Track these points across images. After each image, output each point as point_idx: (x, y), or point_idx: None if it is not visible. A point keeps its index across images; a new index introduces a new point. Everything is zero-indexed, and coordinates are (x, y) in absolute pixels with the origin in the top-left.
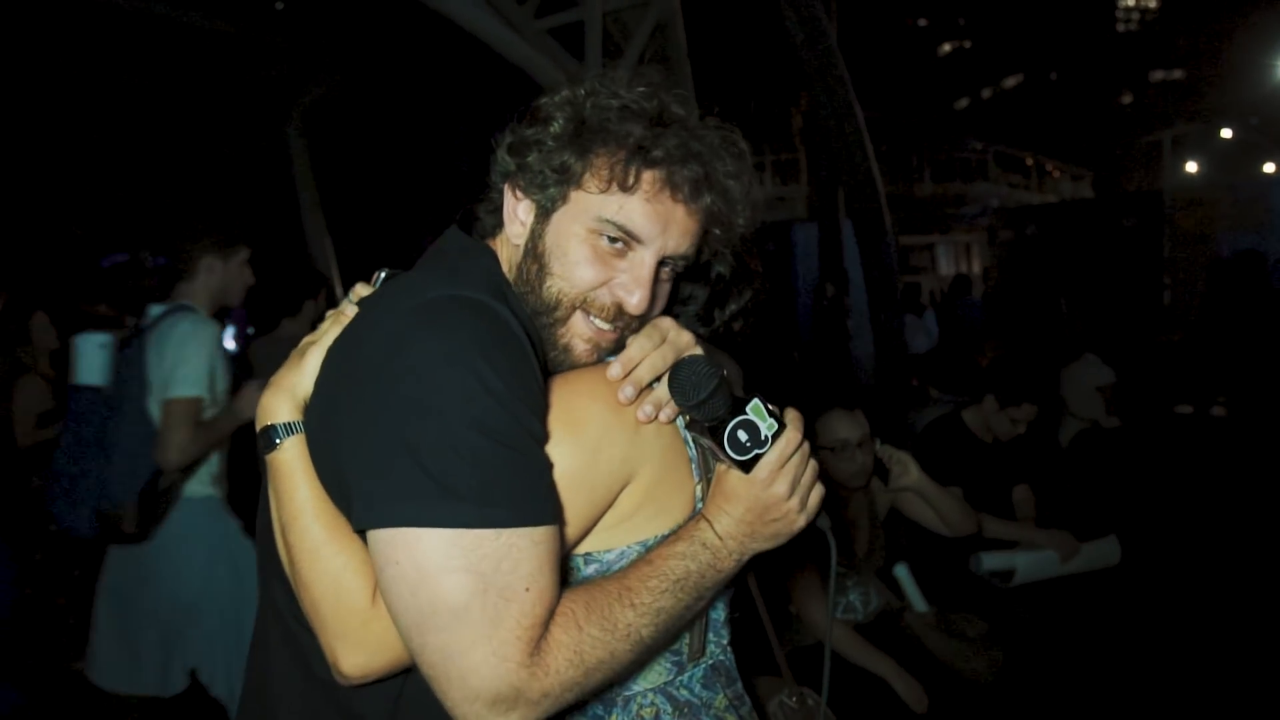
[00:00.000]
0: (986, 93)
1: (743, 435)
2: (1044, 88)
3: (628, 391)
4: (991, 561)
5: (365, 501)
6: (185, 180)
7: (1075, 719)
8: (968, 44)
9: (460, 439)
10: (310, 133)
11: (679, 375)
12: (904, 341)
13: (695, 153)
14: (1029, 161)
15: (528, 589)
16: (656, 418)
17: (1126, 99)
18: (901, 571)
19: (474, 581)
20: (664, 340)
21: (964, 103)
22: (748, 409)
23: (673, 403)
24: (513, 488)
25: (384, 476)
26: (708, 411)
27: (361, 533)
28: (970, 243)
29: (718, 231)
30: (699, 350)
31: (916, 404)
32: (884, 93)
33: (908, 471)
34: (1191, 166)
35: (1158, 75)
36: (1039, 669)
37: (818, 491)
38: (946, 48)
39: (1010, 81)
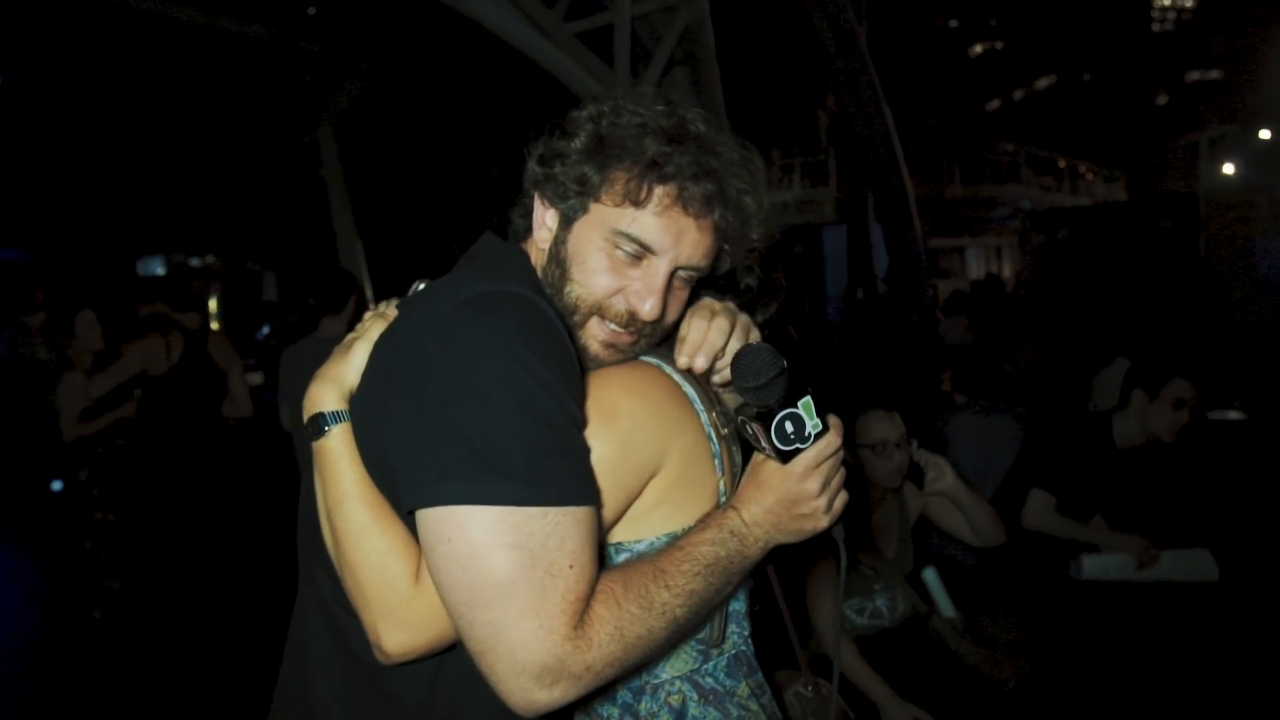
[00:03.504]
0: (1018, 94)
1: (789, 427)
2: (1077, 89)
3: (699, 362)
4: (1093, 568)
5: (416, 483)
6: (219, 185)
7: None
8: (999, 45)
9: (508, 422)
10: (342, 137)
11: (744, 358)
12: (937, 344)
13: (709, 169)
14: (1062, 164)
15: (571, 566)
16: (700, 364)
17: (1162, 100)
18: (929, 575)
19: (522, 557)
20: (714, 314)
21: (995, 104)
22: (799, 404)
23: (709, 344)
24: (558, 468)
25: (435, 458)
26: (762, 397)
27: (409, 515)
28: (1001, 246)
29: (727, 247)
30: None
31: (945, 407)
32: (914, 94)
33: (943, 475)
34: (1228, 168)
35: (1194, 76)
36: (1068, 677)
37: (843, 497)
38: (978, 49)
39: (1043, 83)
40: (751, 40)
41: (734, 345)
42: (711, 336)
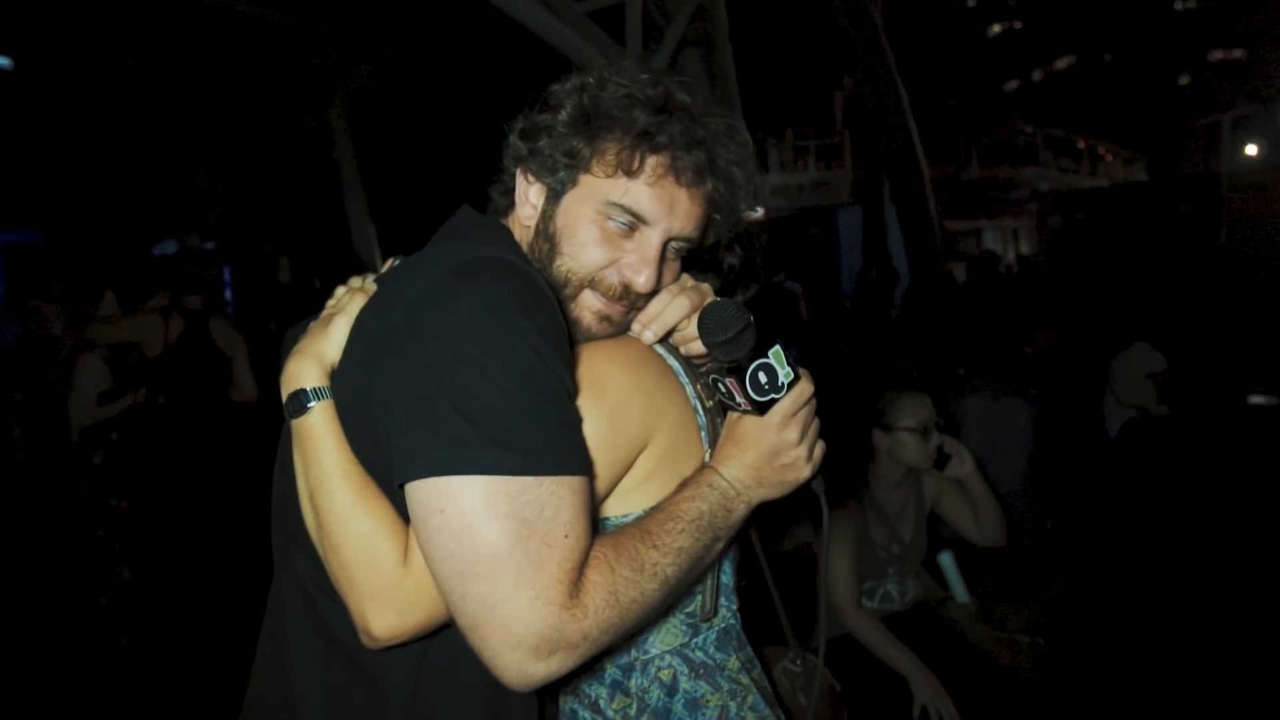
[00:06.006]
0: (1037, 75)
1: (762, 377)
2: (1097, 69)
3: (647, 335)
4: None
5: (408, 454)
6: (232, 168)
7: (1120, 716)
8: (1018, 25)
9: (503, 390)
10: (354, 119)
11: (709, 314)
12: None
13: (699, 139)
14: (1081, 145)
15: (567, 535)
16: (649, 337)
17: (1184, 80)
18: (945, 560)
19: (518, 527)
20: (680, 291)
21: (1014, 85)
22: (769, 354)
23: (661, 320)
24: (553, 438)
25: (428, 429)
26: (731, 350)
27: (399, 489)
28: (1018, 228)
29: (718, 217)
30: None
31: (958, 390)
32: (931, 75)
33: (964, 462)
34: (1251, 149)
35: (1217, 55)
36: (1084, 663)
37: (821, 446)
38: (996, 29)
39: (1062, 63)
40: (766, 20)
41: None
42: (665, 314)
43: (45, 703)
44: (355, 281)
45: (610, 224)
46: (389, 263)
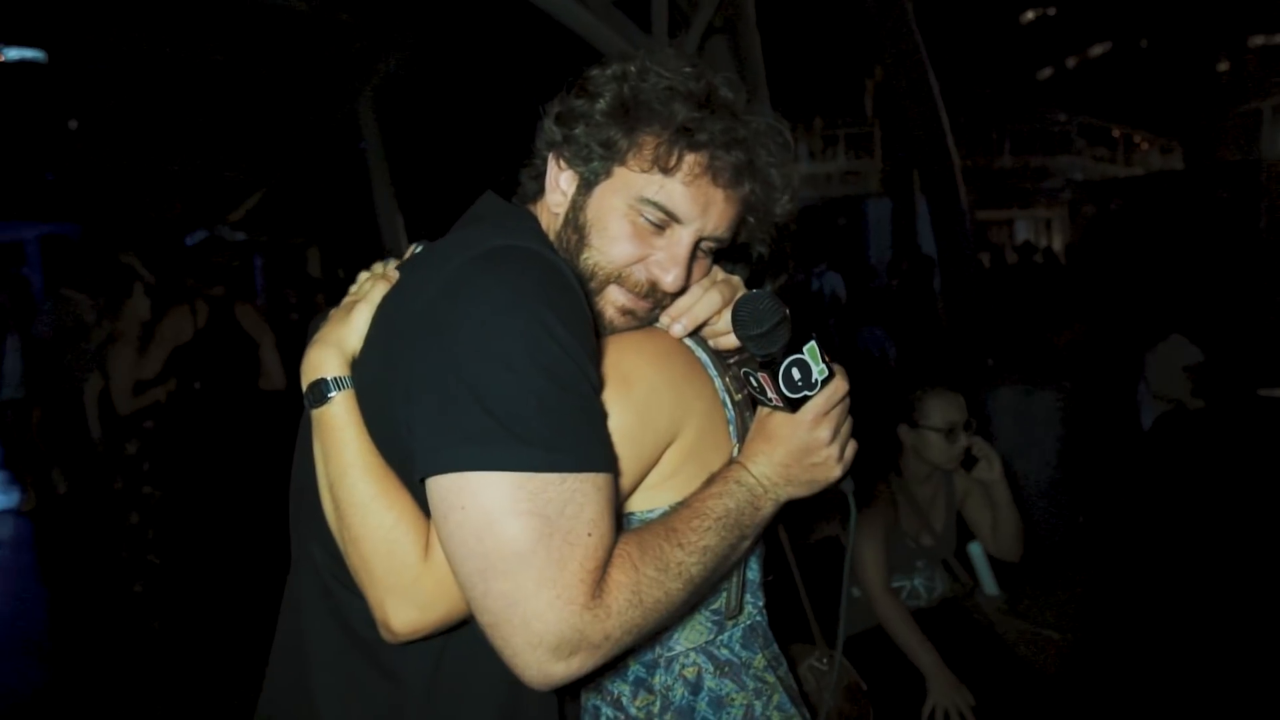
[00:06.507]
0: (1071, 61)
1: (796, 373)
2: (1133, 55)
3: (676, 329)
4: None
5: (430, 448)
6: (259, 159)
7: (1149, 713)
8: (1052, 11)
9: (527, 384)
10: (382, 109)
11: (743, 306)
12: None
13: (739, 139)
14: (1116, 133)
15: (590, 534)
16: (678, 330)
17: (1223, 66)
18: (975, 550)
19: (540, 525)
20: (711, 285)
21: (1047, 72)
22: (804, 349)
23: (692, 314)
24: (577, 433)
25: (450, 422)
26: (766, 345)
27: (420, 483)
28: (1051, 218)
29: (752, 220)
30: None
31: (990, 382)
32: (963, 62)
33: (992, 468)
34: None
35: (1258, 40)
36: (1112, 660)
37: (852, 446)
38: (1029, 15)
39: (1097, 49)
40: (795, 6)
41: (728, 315)
42: (696, 309)
43: (79, 687)
44: (377, 268)
45: (641, 220)
46: (411, 249)
